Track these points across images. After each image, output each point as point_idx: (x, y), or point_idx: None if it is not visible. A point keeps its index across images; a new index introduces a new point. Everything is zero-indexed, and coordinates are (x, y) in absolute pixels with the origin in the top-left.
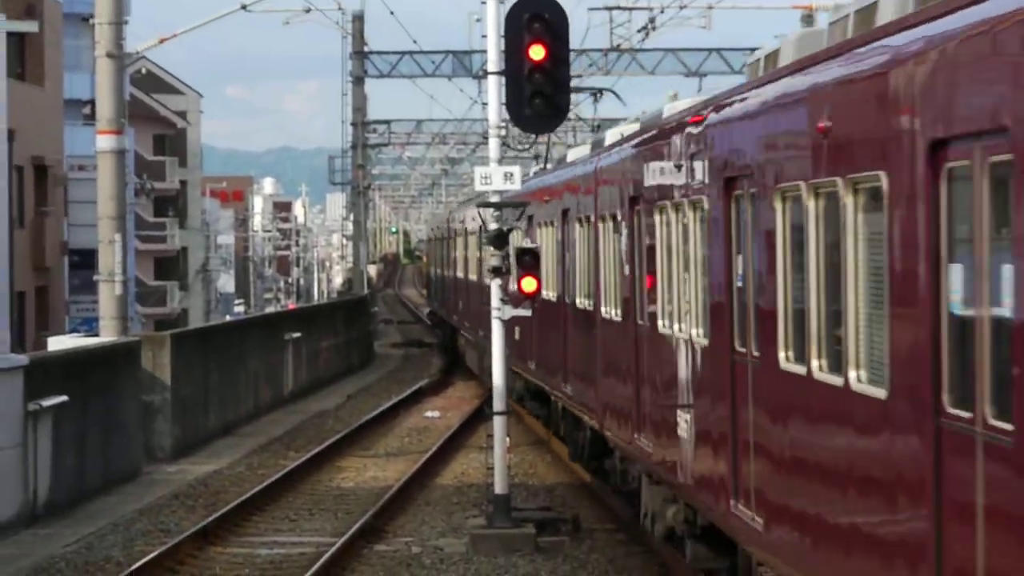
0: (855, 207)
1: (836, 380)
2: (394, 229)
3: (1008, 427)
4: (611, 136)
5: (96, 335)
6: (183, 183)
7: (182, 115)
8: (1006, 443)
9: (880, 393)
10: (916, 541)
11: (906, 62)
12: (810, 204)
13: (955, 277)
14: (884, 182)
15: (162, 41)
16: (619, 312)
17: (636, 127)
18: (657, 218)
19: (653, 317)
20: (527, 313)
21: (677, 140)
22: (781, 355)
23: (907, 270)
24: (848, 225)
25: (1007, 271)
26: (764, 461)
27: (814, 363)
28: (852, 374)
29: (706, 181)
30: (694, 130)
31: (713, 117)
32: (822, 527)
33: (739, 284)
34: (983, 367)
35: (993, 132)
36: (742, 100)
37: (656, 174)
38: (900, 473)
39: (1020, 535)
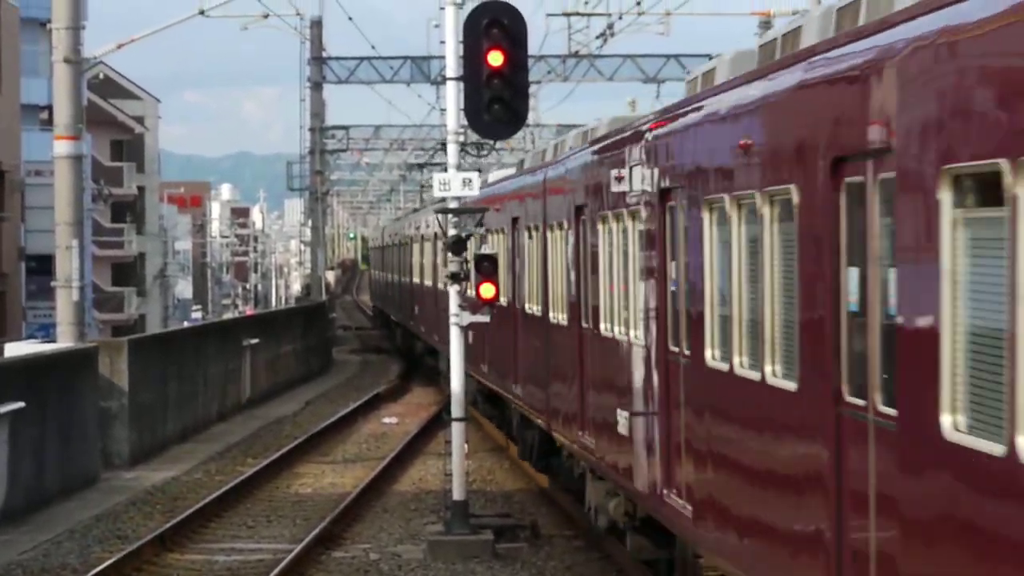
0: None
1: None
2: (352, 235)
3: (893, 412)
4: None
5: (53, 341)
6: (140, 189)
7: (140, 120)
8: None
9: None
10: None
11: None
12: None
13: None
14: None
15: (120, 46)
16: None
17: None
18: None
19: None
20: (485, 319)
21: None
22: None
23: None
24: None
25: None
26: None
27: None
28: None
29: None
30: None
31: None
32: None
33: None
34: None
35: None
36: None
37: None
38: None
39: (904, 503)
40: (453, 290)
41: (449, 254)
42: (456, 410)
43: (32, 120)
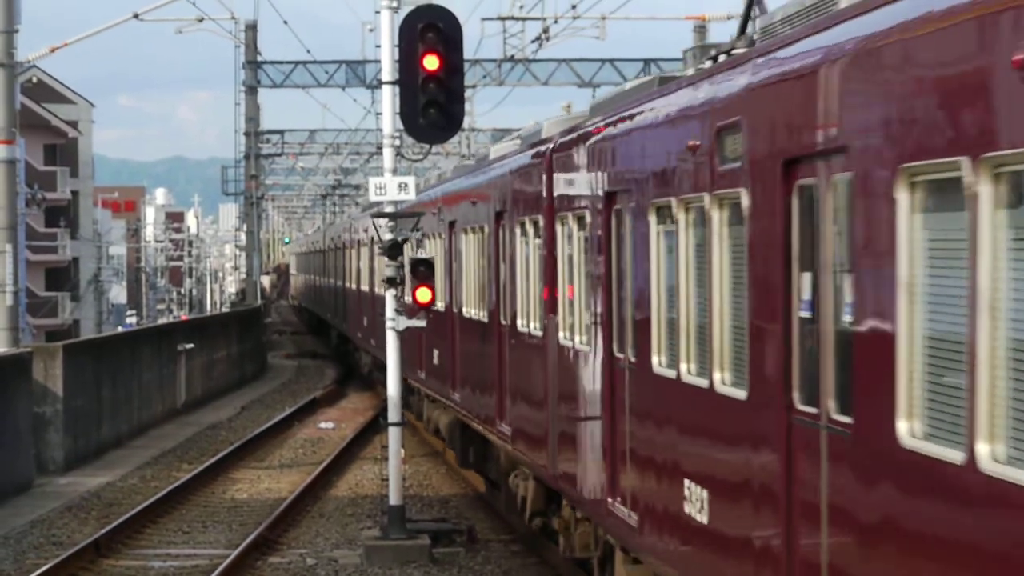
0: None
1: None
2: (287, 239)
3: (848, 420)
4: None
5: None
6: (74, 193)
7: (73, 125)
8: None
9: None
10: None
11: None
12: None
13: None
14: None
15: (53, 50)
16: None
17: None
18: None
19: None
20: (421, 324)
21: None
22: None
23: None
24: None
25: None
26: None
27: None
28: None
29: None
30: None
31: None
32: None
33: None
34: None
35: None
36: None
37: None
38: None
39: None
40: (390, 294)
41: (386, 258)
42: (393, 415)
43: None
